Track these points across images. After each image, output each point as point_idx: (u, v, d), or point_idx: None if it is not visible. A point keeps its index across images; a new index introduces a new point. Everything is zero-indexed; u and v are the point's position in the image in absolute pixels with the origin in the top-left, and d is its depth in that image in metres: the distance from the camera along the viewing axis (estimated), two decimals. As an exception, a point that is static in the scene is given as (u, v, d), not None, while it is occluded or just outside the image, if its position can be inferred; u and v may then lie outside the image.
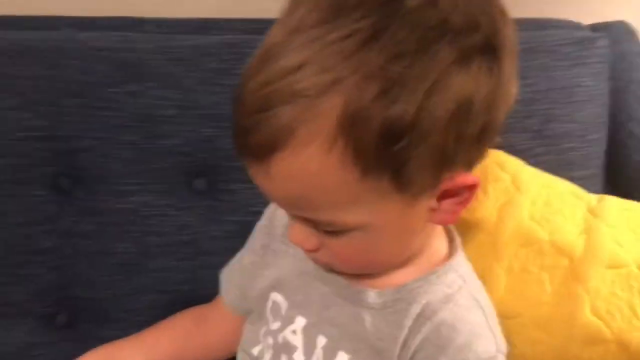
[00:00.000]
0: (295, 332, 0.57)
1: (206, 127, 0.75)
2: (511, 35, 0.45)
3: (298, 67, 0.41)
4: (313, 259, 0.54)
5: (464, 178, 0.47)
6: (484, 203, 0.61)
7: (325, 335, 0.55)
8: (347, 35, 0.40)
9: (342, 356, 0.53)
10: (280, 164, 0.43)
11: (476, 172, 0.48)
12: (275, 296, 0.60)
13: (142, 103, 0.75)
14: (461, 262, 0.55)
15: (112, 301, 0.76)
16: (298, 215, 0.49)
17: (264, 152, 0.43)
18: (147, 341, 0.69)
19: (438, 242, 0.56)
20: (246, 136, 0.44)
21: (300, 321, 0.57)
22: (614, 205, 0.59)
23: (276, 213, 0.64)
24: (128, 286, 0.76)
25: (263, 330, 0.61)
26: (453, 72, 0.41)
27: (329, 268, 0.55)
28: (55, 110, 0.75)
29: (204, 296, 0.73)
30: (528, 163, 0.68)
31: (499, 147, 0.65)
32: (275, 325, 0.59)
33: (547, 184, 0.62)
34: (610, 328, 0.53)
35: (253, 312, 0.64)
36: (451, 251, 0.56)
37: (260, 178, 0.46)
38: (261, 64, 0.43)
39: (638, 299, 0.52)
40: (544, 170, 0.68)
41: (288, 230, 0.52)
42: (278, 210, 0.64)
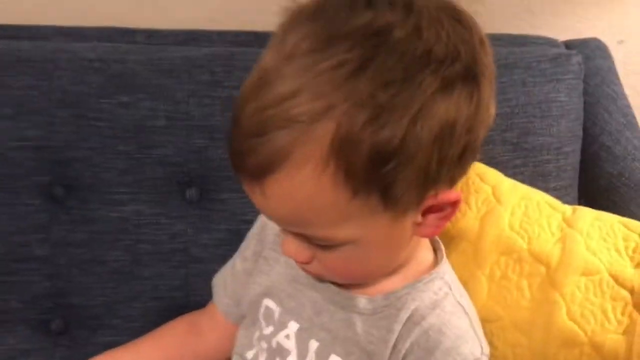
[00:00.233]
0: (288, 337, 0.59)
1: (197, 138, 0.77)
2: (489, 62, 0.48)
3: (292, 94, 0.43)
4: (304, 270, 0.56)
5: (447, 195, 0.50)
6: (467, 214, 0.64)
7: (317, 339, 0.57)
8: (338, 64, 0.43)
9: (335, 359, 0.56)
10: (275, 185, 0.46)
11: (459, 184, 0.51)
12: (267, 302, 0.62)
13: (134, 114, 0.77)
14: (446, 270, 0.58)
15: (106, 308, 0.78)
16: (291, 230, 0.51)
17: (260, 173, 0.46)
18: (143, 350, 0.70)
19: (424, 252, 0.58)
20: (243, 158, 0.46)
21: (293, 326, 0.59)
22: (587, 215, 0.62)
23: (268, 221, 0.66)
24: (121, 293, 0.78)
25: (256, 335, 0.63)
26: (437, 99, 0.44)
27: (319, 278, 0.58)
28: (48, 120, 0.76)
29: (196, 302, 0.76)
30: (507, 174, 0.70)
31: (480, 160, 0.68)
32: (268, 330, 0.61)
33: (525, 196, 0.65)
34: (584, 331, 0.56)
35: (246, 318, 0.66)
36: (437, 260, 0.58)
37: (255, 196, 0.48)
38: (257, 89, 0.45)
39: (610, 304, 0.56)
40: (522, 181, 0.71)
41: (281, 243, 0.54)
42: (268, 220, 0.66)
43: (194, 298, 0.77)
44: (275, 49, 0.46)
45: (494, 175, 0.67)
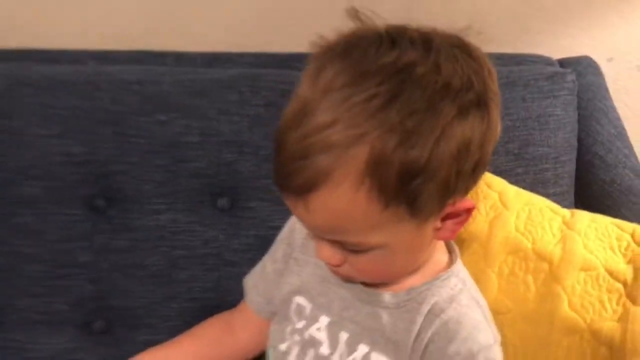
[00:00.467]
0: (320, 329, 0.65)
1: (227, 152, 0.83)
2: (496, 88, 0.55)
3: (331, 124, 0.50)
4: (335, 272, 0.63)
5: (463, 203, 0.57)
6: (477, 218, 0.72)
7: (347, 331, 0.63)
8: (370, 97, 0.49)
9: (363, 348, 0.62)
10: (317, 200, 0.52)
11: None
12: (298, 299, 0.68)
13: (169, 131, 0.83)
14: (460, 269, 0.65)
15: (145, 309, 0.83)
16: (328, 238, 0.58)
17: (304, 191, 0.52)
18: (183, 347, 0.76)
19: (440, 254, 0.65)
20: (289, 178, 0.52)
21: (324, 320, 0.65)
22: (584, 218, 0.69)
23: (296, 226, 0.72)
24: (159, 295, 0.83)
25: (289, 329, 0.68)
26: (455, 124, 0.51)
27: (349, 280, 0.64)
28: (91, 137, 0.82)
29: (229, 302, 0.80)
30: (510, 182, 0.77)
31: (487, 169, 0.75)
32: (300, 324, 0.67)
33: (529, 201, 0.72)
34: (584, 319, 0.63)
35: (278, 314, 0.72)
36: (451, 260, 0.65)
37: (299, 210, 0.54)
38: (298, 119, 0.51)
39: (606, 295, 0.63)
40: (524, 187, 0.78)
41: (316, 248, 0.60)
42: (297, 223, 0.73)
43: (227, 299, 0.82)
44: (310, 83, 0.52)
45: (500, 183, 0.75)
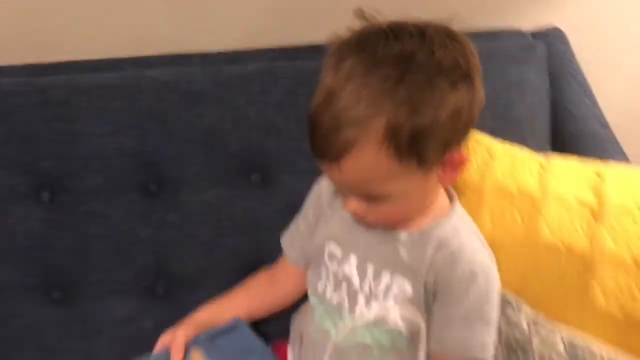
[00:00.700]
0: (350, 267, 0.80)
1: (256, 136, 0.97)
2: (477, 62, 0.71)
3: (355, 103, 0.65)
4: (360, 221, 0.77)
5: (459, 154, 0.72)
6: (469, 170, 0.87)
7: (372, 264, 0.78)
8: (384, 80, 0.64)
9: (386, 275, 0.77)
10: (348, 163, 0.67)
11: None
12: (330, 246, 0.83)
13: (206, 121, 0.97)
14: (459, 210, 0.80)
15: (198, 273, 0.97)
16: (355, 192, 0.72)
17: (338, 157, 0.67)
18: (237, 299, 0.92)
19: (443, 199, 0.80)
20: (324, 149, 0.68)
21: (353, 259, 0.80)
22: (557, 161, 0.84)
23: (321, 190, 0.88)
24: (210, 260, 0.97)
25: (324, 271, 0.83)
26: (448, 95, 0.66)
27: (372, 226, 0.78)
28: (140, 132, 0.96)
29: (268, 261, 0.96)
30: (495, 138, 0.93)
31: (476, 129, 0.90)
32: (333, 266, 0.82)
33: (511, 152, 0.87)
34: (561, 240, 0.78)
35: (313, 262, 0.86)
36: (452, 204, 0.80)
37: (333, 173, 0.70)
38: (328, 102, 0.67)
39: (577, 219, 0.78)
40: (507, 142, 0.93)
41: (345, 203, 0.75)
42: (322, 188, 0.88)
43: (266, 258, 0.96)
44: (333, 73, 0.68)
45: (487, 139, 0.90)
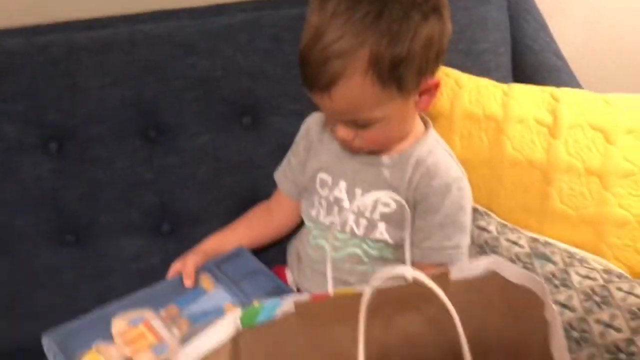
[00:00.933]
0: (340, 191, 0.90)
1: (245, 81, 1.05)
2: None
3: (340, 37, 0.74)
4: (349, 147, 0.87)
5: (433, 80, 0.82)
6: (440, 99, 0.97)
7: (360, 187, 0.88)
8: (365, 14, 0.73)
9: (373, 194, 0.88)
10: (338, 91, 0.76)
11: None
12: (321, 175, 0.92)
13: (198, 70, 1.04)
14: (433, 133, 0.90)
15: (200, 210, 1.06)
16: (344, 119, 0.81)
17: (328, 86, 0.76)
18: (238, 230, 1.01)
19: (419, 125, 0.90)
20: (315, 80, 0.77)
21: (342, 184, 0.90)
22: (518, 87, 0.95)
23: (309, 126, 0.97)
24: (209, 198, 1.06)
25: (316, 198, 0.93)
26: (421, 25, 0.75)
27: (359, 151, 0.88)
28: (138, 83, 1.03)
29: (263, 195, 1.05)
30: (462, 71, 1.03)
31: (444, 64, 1.00)
32: (324, 192, 0.92)
33: (477, 82, 0.97)
34: (523, 155, 0.89)
35: (307, 191, 0.97)
36: (427, 129, 0.91)
37: (324, 101, 0.79)
38: (316, 37, 0.75)
39: (536, 136, 0.88)
40: (472, 75, 1.03)
41: (334, 131, 0.84)
42: (310, 124, 0.97)
43: (260, 194, 1.05)
44: (318, 12, 0.76)
45: (455, 72, 1.00)
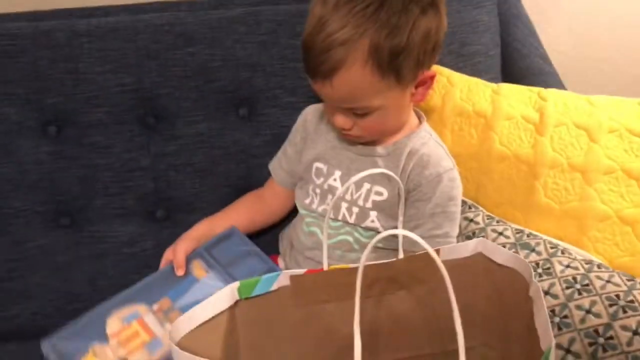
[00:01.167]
0: (335, 180, 0.93)
1: (243, 72, 1.07)
2: None
3: (342, 27, 0.77)
4: (346, 135, 0.89)
5: (429, 73, 0.85)
6: (433, 96, 1.01)
7: (355, 176, 0.92)
8: (366, 6, 0.76)
9: (366, 184, 0.90)
10: (339, 79, 0.79)
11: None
12: (317, 164, 0.95)
13: (198, 59, 1.06)
14: (426, 127, 0.94)
15: (195, 197, 1.08)
16: (343, 107, 0.84)
17: (330, 74, 0.79)
18: (230, 215, 1.02)
19: (413, 118, 0.94)
20: (317, 68, 0.79)
21: (337, 173, 0.93)
22: (507, 87, 0.99)
23: (307, 117, 1.00)
24: (204, 185, 1.08)
25: (311, 187, 0.96)
26: (420, 18, 0.79)
27: (356, 140, 0.90)
28: (138, 70, 1.05)
29: (256, 184, 1.07)
30: (454, 71, 1.07)
31: (437, 63, 1.04)
32: (319, 180, 0.94)
33: (468, 81, 1.01)
34: (510, 150, 0.93)
35: (302, 180, 0.99)
36: (420, 122, 0.94)
37: (325, 89, 0.81)
38: (319, 27, 0.78)
39: (523, 132, 0.92)
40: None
41: (333, 119, 0.87)
42: (307, 116, 1.00)
43: (254, 182, 1.08)
44: (321, 4, 0.79)
45: (447, 71, 1.03)
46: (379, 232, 0.91)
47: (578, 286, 0.79)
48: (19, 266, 1.07)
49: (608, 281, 0.79)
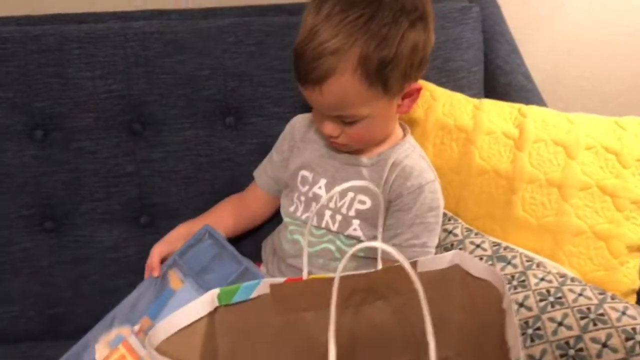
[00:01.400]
0: (320, 188, 0.94)
1: (230, 82, 1.08)
2: (431, 9, 0.85)
3: (334, 36, 0.79)
4: (334, 143, 0.91)
5: (415, 85, 0.88)
6: (416, 109, 1.03)
7: (339, 185, 0.93)
8: (358, 17, 0.79)
9: (351, 194, 0.92)
10: (328, 87, 0.81)
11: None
12: (303, 172, 0.97)
13: (186, 68, 1.07)
14: (411, 140, 0.96)
15: (179, 203, 1.09)
16: (332, 114, 0.86)
17: (320, 81, 0.81)
18: (211, 219, 1.03)
19: (397, 130, 0.96)
20: (308, 75, 0.81)
21: (322, 181, 0.94)
22: (488, 102, 1.01)
23: (294, 126, 1.01)
24: (190, 192, 1.09)
25: (296, 195, 0.97)
26: (408, 32, 0.81)
27: (343, 148, 0.92)
28: (127, 77, 1.06)
29: (240, 190, 1.08)
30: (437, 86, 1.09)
31: (422, 79, 1.06)
32: (305, 188, 0.96)
33: (450, 96, 1.03)
34: (490, 165, 0.95)
35: (287, 188, 1.00)
36: (405, 135, 0.96)
37: (315, 96, 0.83)
38: (311, 36, 0.80)
39: (503, 147, 0.94)
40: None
41: (321, 127, 0.88)
42: (295, 125, 1.01)
43: (239, 190, 1.09)
44: (315, 12, 0.81)
45: (431, 85, 1.06)
46: (361, 241, 0.93)
47: (551, 299, 0.82)
48: (2, 269, 1.07)
49: (580, 294, 0.81)
